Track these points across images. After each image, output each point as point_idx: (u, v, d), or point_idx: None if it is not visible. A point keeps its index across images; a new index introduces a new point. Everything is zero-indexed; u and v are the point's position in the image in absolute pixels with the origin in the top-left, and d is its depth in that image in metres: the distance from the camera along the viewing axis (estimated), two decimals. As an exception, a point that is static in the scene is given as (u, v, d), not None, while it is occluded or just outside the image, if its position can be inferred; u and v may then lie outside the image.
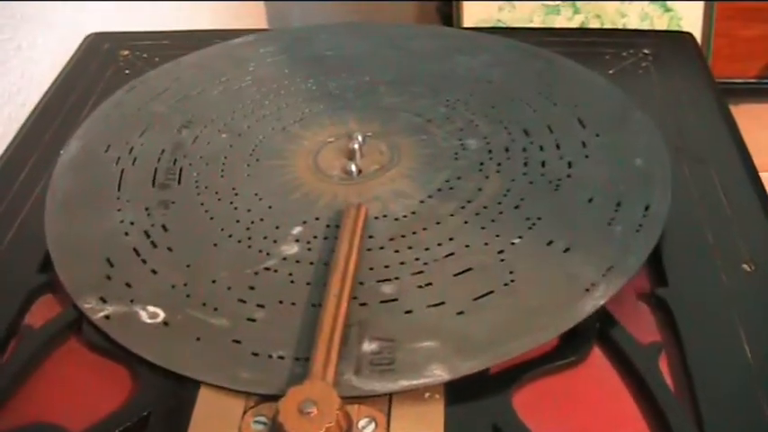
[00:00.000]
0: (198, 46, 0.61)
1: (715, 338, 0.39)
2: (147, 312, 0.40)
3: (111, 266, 0.42)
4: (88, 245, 0.44)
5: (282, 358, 0.38)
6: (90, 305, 0.40)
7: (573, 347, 0.39)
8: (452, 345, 0.38)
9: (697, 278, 0.42)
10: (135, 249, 0.43)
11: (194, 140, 0.51)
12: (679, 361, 0.38)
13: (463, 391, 0.36)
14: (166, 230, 0.45)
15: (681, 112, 0.54)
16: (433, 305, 0.40)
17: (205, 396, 0.36)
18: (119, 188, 0.47)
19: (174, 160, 0.50)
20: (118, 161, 0.49)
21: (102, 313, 0.39)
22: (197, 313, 0.40)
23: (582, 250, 0.42)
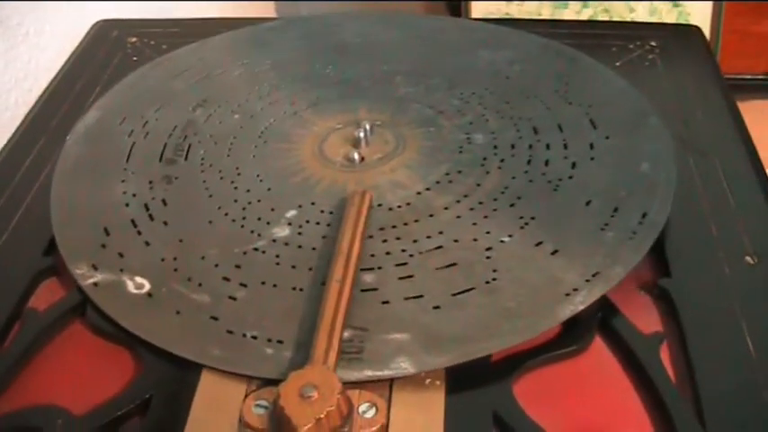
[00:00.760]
0: (206, 34, 0.61)
1: (717, 330, 0.39)
2: (134, 283, 0.41)
3: (107, 235, 0.44)
4: (89, 212, 0.45)
5: (255, 338, 0.38)
6: (81, 271, 0.41)
7: (574, 336, 0.38)
8: (422, 339, 0.37)
9: (700, 270, 0.42)
10: (133, 221, 0.44)
11: (207, 119, 0.52)
12: (680, 352, 0.38)
13: (464, 378, 0.36)
14: (166, 205, 0.46)
15: (687, 105, 0.53)
16: (411, 297, 0.39)
17: (207, 380, 0.36)
18: (127, 160, 0.49)
19: (185, 137, 0.51)
20: (131, 134, 0.51)
21: (91, 280, 0.41)
22: (181, 287, 0.41)
23: (569, 254, 0.41)
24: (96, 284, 0.41)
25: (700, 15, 0.73)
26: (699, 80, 0.56)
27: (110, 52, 0.62)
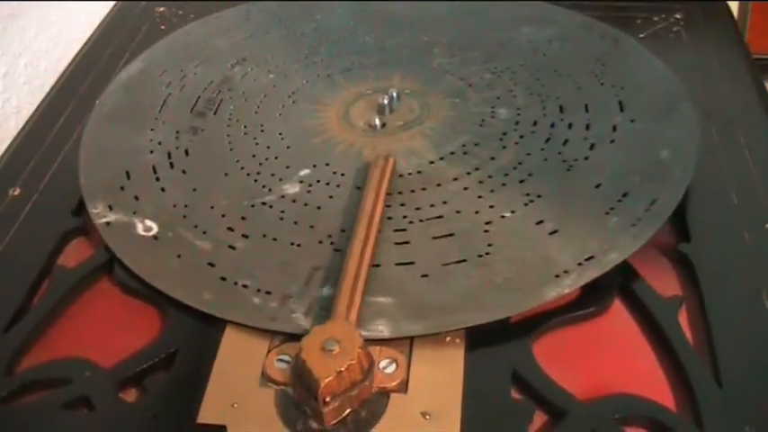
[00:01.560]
0: (233, 4, 0.61)
1: (735, 294, 0.38)
2: (144, 225, 0.43)
3: (127, 178, 0.46)
4: (114, 156, 0.47)
5: (246, 287, 0.39)
6: (97, 210, 0.44)
7: (594, 299, 0.39)
8: (404, 305, 0.38)
9: (720, 235, 0.41)
10: (153, 167, 0.46)
11: (243, 76, 0.54)
12: (699, 315, 0.38)
13: (484, 337, 0.36)
14: (188, 155, 0.47)
15: (711, 76, 0.53)
16: (402, 263, 0.40)
17: (230, 336, 0.38)
18: (160, 110, 0.51)
19: (219, 92, 0.52)
20: (168, 85, 0.53)
21: (104, 219, 0.43)
22: (186, 233, 0.42)
23: (568, 235, 0.40)
24: (109, 224, 0.43)
25: None
26: (723, 52, 0.56)
27: (138, 21, 0.63)
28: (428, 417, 0.33)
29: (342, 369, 0.33)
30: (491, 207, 0.42)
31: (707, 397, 0.34)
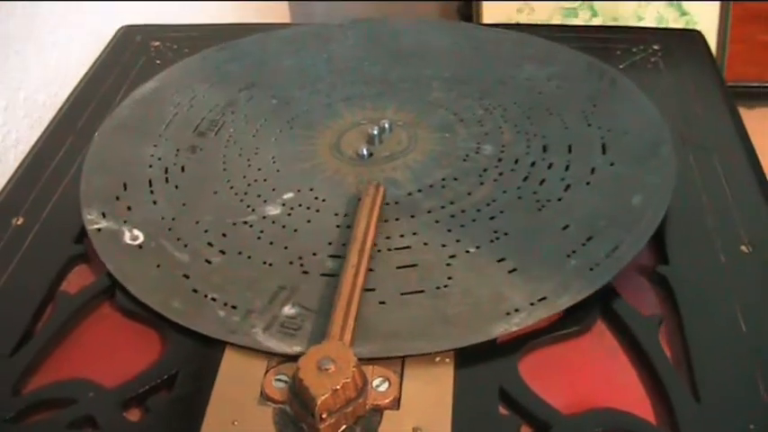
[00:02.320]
0: (226, 38, 0.63)
1: (712, 313, 0.40)
2: (131, 234, 0.45)
3: (124, 189, 0.49)
4: (116, 167, 0.50)
5: (214, 300, 0.41)
6: (91, 216, 0.46)
7: (577, 318, 0.40)
8: (358, 328, 0.39)
9: (697, 257, 0.43)
10: (150, 180, 0.49)
11: (248, 101, 0.56)
12: (677, 333, 0.39)
13: (472, 357, 0.38)
14: (183, 171, 0.50)
15: (687, 104, 0.55)
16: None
17: (230, 357, 0.39)
18: (165, 127, 0.54)
19: (223, 114, 0.55)
20: (177, 105, 0.56)
21: (96, 225, 0.46)
22: (168, 245, 0.45)
23: (525, 275, 0.41)
24: (99, 230, 0.46)
25: (707, 24, 0.71)
26: (700, 81, 0.58)
27: (134, 56, 0.65)
28: (420, 431, 0.35)
29: (337, 387, 0.34)
30: (457, 241, 0.43)
31: (685, 410, 0.36)
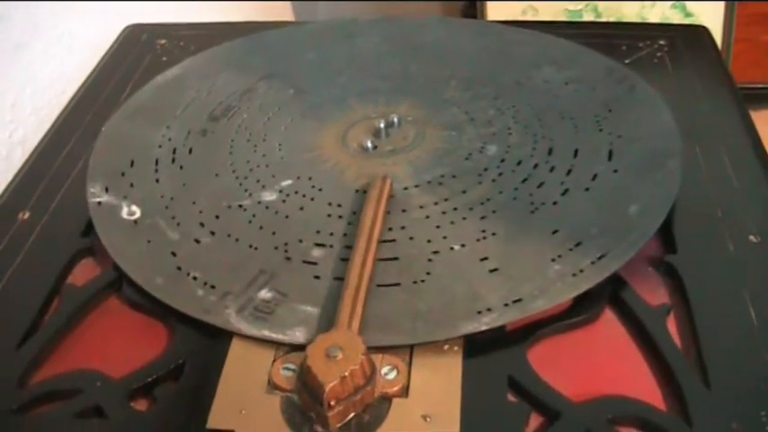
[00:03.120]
0: (231, 36, 0.63)
1: (722, 302, 0.40)
2: (129, 210, 0.46)
3: (131, 166, 0.50)
4: (126, 145, 0.51)
5: (195, 279, 0.42)
6: (94, 190, 0.48)
7: (585, 308, 0.40)
8: (327, 317, 0.38)
9: (706, 247, 0.43)
10: (156, 159, 0.50)
11: (266, 90, 0.57)
12: (686, 322, 0.39)
13: (481, 346, 0.38)
14: (190, 153, 0.51)
15: (694, 98, 0.54)
16: (340, 278, 0.40)
17: (237, 347, 0.39)
18: (181, 111, 0.55)
19: (239, 101, 0.56)
20: (196, 90, 0.57)
21: (97, 199, 0.47)
22: (162, 222, 0.45)
23: (505, 276, 0.39)
24: (100, 204, 0.47)
25: (711, 24, 0.68)
26: (705, 75, 0.57)
27: (140, 54, 0.65)
28: (429, 419, 0.34)
29: (345, 374, 0.34)
30: (444, 238, 0.42)
31: (695, 397, 0.36)
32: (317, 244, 0.43)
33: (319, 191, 0.47)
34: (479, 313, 0.37)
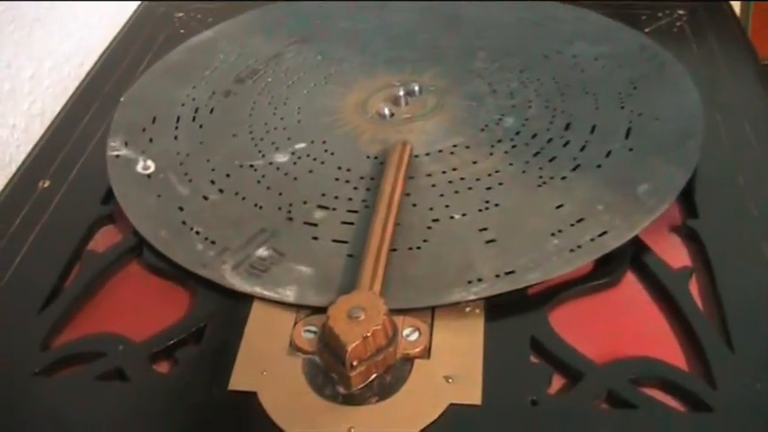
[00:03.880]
0: (250, 7, 0.62)
1: (743, 264, 0.39)
2: (144, 164, 0.47)
3: (152, 123, 0.51)
4: (151, 103, 0.53)
5: (198, 234, 0.42)
6: (114, 143, 0.49)
7: (607, 271, 0.39)
8: (319, 278, 0.39)
9: (727, 211, 0.42)
10: (178, 117, 0.51)
11: (295, 55, 0.57)
12: (709, 285, 0.39)
13: (503, 308, 0.38)
14: (211, 112, 0.52)
15: (714, 66, 0.54)
16: (337, 241, 0.41)
17: (258, 310, 0.39)
18: (210, 72, 0.55)
19: (266, 64, 0.56)
20: (226, 52, 0.57)
21: (115, 152, 0.48)
22: (174, 177, 0.46)
23: (501, 247, 0.38)
24: (117, 156, 0.48)
25: None
26: (725, 44, 0.56)
27: (157, 26, 0.65)
28: (451, 380, 0.34)
29: (367, 334, 0.34)
30: (446, 206, 0.42)
31: (719, 359, 0.35)
32: (321, 206, 0.43)
33: (331, 155, 0.47)
34: (470, 283, 0.37)
